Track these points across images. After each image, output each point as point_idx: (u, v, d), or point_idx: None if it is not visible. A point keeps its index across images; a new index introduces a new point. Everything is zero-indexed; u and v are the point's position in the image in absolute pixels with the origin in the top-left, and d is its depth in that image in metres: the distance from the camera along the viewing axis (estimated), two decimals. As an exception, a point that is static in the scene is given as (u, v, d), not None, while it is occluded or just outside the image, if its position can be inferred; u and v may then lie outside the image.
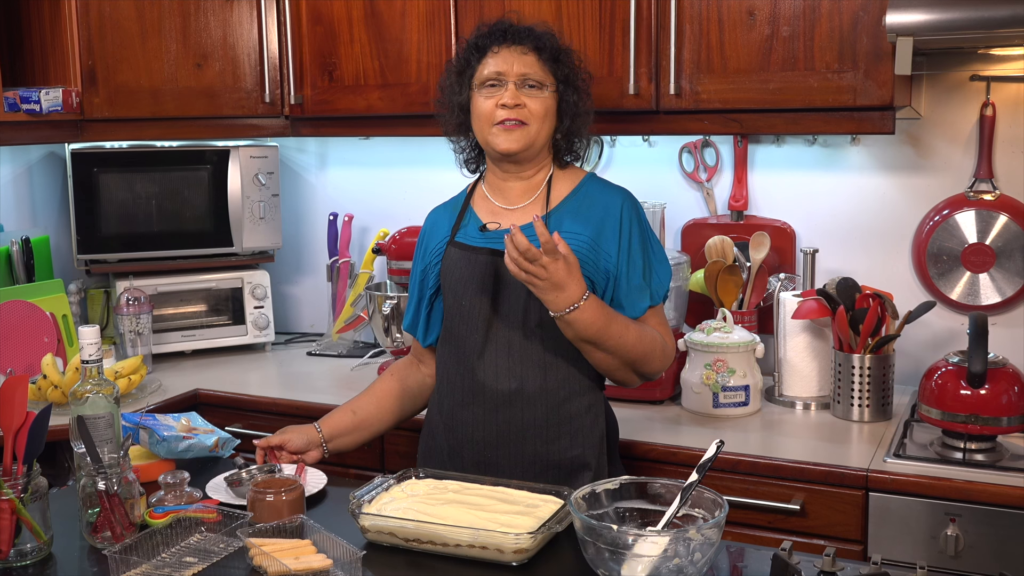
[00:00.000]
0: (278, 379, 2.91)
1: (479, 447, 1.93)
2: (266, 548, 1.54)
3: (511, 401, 1.90)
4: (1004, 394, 2.10)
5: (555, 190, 1.97)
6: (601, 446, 1.95)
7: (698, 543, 1.44)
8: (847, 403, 2.37)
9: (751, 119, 2.39)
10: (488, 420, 1.92)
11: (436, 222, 2.10)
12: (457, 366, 1.95)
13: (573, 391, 1.91)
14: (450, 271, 1.97)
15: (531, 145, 1.91)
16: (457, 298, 1.95)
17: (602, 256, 1.90)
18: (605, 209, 1.93)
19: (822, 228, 2.71)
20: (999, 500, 1.96)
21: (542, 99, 1.91)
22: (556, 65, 1.93)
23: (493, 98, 1.90)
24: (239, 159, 3.05)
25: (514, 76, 1.90)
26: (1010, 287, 2.51)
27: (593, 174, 2.03)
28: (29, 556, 1.62)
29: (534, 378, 1.90)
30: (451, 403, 1.97)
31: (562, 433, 1.91)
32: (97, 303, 3.11)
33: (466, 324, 1.93)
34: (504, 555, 1.54)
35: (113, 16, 2.78)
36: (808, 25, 2.28)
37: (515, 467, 1.91)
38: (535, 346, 1.90)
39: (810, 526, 2.10)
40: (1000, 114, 2.50)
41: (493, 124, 1.90)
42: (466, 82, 1.96)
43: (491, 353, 1.91)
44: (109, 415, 1.75)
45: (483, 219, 1.99)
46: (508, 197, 1.99)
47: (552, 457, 1.91)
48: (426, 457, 2.05)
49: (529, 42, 1.92)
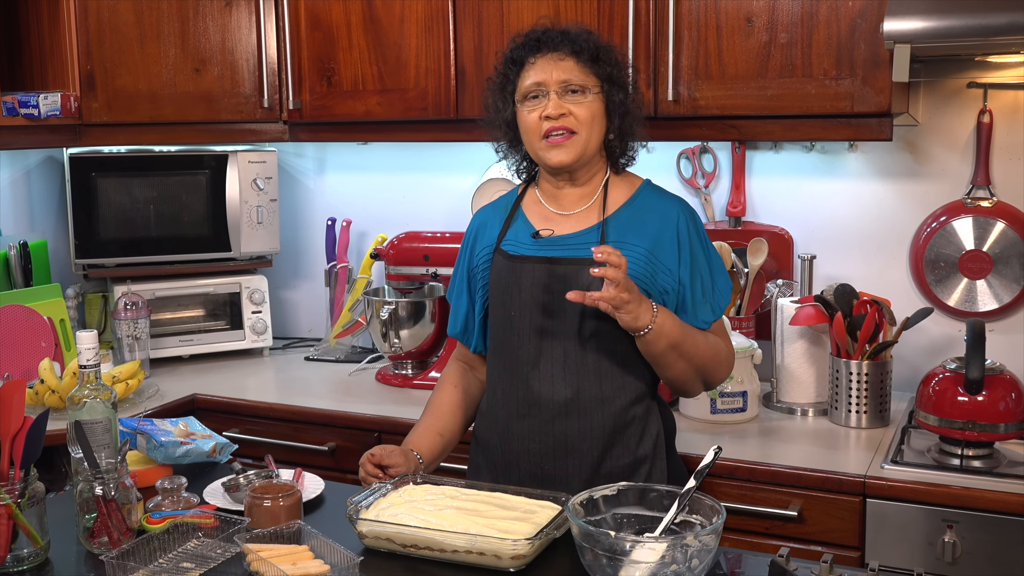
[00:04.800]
0: (276, 384, 2.91)
1: (535, 459, 1.89)
2: (263, 553, 1.54)
3: (567, 411, 1.86)
4: (1001, 401, 2.10)
5: (611, 196, 1.91)
6: (657, 446, 1.91)
7: (695, 549, 1.43)
8: (845, 409, 2.37)
9: (749, 125, 2.40)
10: (545, 431, 1.87)
11: (485, 223, 2.01)
12: (511, 377, 1.91)
13: (629, 399, 1.87)
14: (498, 281, 1.93)
15: (583, 154, 1.86)
16: (507, 309, 1.90)
17: (660, 269, 1.85)
18: (663, 220, 1.88)
19: (820, 234, 2.72)
20: (996, 507, 1.96)
21: (587, 104, 1.84)
22: (597, 65, 1.85)
23: (537, 110, 1.84)
24: (237, 164, 3.05)
25: (554, 84, 1.83)
26: (1007, 294, 2.52)
27: (649, 181, 1.97)
28: (26, 561, 1.62)
29: (590, 387, 1.85)
30: (506, 415, 1.92)
31: (617, 441, 1.87)
32: (95, 308, 3.11)
33: (518, 335, 1.89)
34: (501, 561, 1.54)
35: (112, 21, 2.78)
36: (806, 32, 2.28)
37: (572, 478, 1.86)
38: (589, 354, 1.85)
39: (808, 532, 2.10)
40: (997, 121, 2.50)
41: (541, 137, 1.85)
42: (509, 97, 1.90)
43: (546, 363, 1.87)
44: (107, 420, 1.75)
45: (536, 225, 1.93)
46: (562, 203, 1.94)
47: (608, 464, 1.87)
48: (475, 472, 2.01)
49: (565, 47, 1.84)
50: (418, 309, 2.80)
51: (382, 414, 2.53)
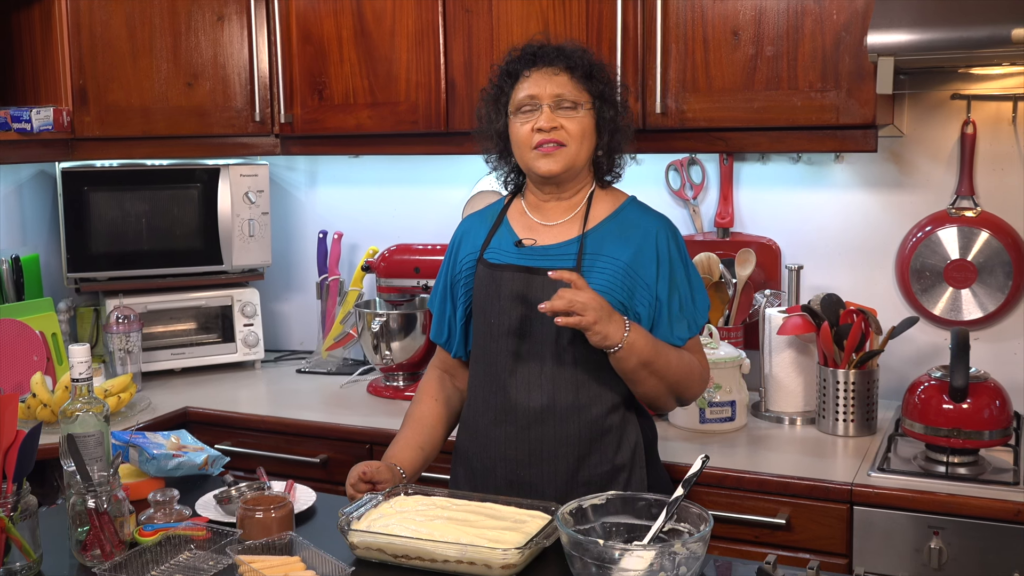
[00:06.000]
0: (268, 397, 2.92)
1: (512, 465, 1.91)
2: (255, 565, 1.55)
3: (543, 419, 1.89)
4: (986, 408, 2.12)
5: (594, 210, 1.95)
6: (635, 456, 1.93)
7: (683, 557, 1.45)
8: (832, 418, 2.39)
9: (736, 137, 2.42)
10: (520, 438, 1.90)
11: (468, 231, 2.05)
12: (490, 384, 1.94)
13: (605, 407, 1.89)
14: (479, 289, 1.96)
15: (571, 166, 1.89)
16: (487, 316, 1.94)
17: (638, 284, 1.87)
18: (644, 235, 1.90)
19: (807, 245, 2.74)
20: (982, 513, 1.99)
21: (578, 119, 1.87)
22: (590, 82, 1.90)
23: (529, 123, 1.88)
24: (229, 177, 3.06)
25: (548, 98, 1.86)
26: (992, 302, 2.54)
27: (634, 198, 2.00)
28: (19, 575, 1.62)
29: (565, 395, 1.88)
30: (484, 422, 1.95)
31: (594, 449, 1.89)
32: (87, 321, 3.12)
33: (496, 342, 1.92)
34: (492, 570, 1.55)
35: (104, 36, 2.80)
36: (791, 45, 2.31)
37: (548, 485, 1.89)
38: (566, 363, 1.88)
39: (796, 540, 2.12)
40: (980, 132, 2.54)
41: (532, 148, 1.88)
42: (502, 109, 1.94)
43: (522, 371, 1.90)
44: (99, 433, 1.76)
45: (519, 234, 1.97)
46: (547, 215, 1.97)
47: (585, 473, 1.89)
48: (456, 483, 2.03)
49: (560, 62, 1.89)
50: (409, 321, 2.82)
51: (374, 426, 2.55)
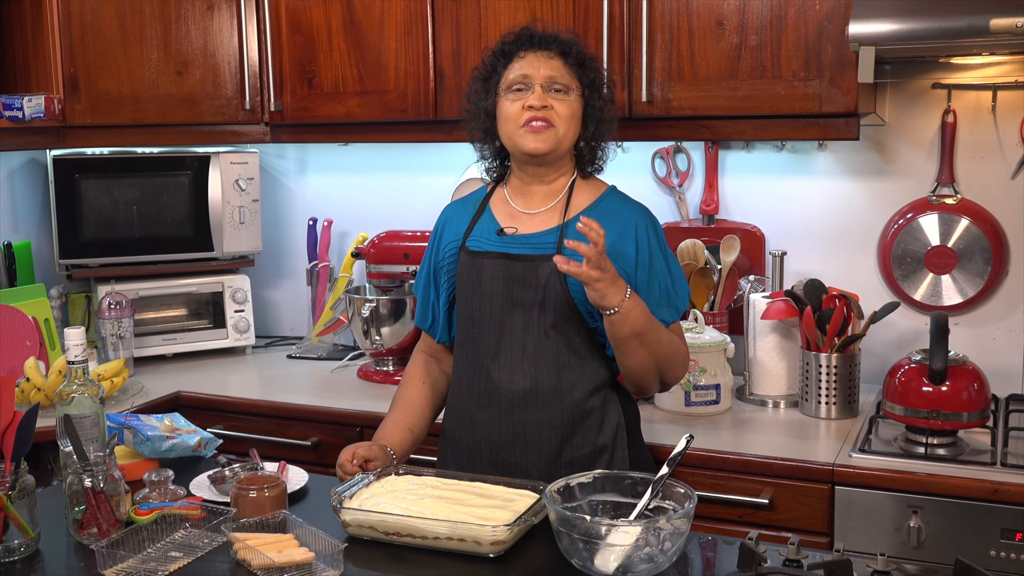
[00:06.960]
0: (259, 381, 2.95)
1: (496, 448, 1.95)
2: (250, 542, 1.58)
3: (526, 402, 1.92)
4: (964, 391, 2.17)
5: (576, 199, 1.98)
6: (617, 437, 1.97)
7: (668, 532, 1.49)
8: (815, 401, 2.43)
9: (721, 125, 2.46)
10: (504, 421, 1.94)
11: (451, 218, 2.08)
12: (473, 369, 1.98)
13: (587, 390, 1.93)
14: (462, 276, 1.99)
15: (557, 147, 1.92)
16: (469, 302, 1.97)
17: (618, 271, 1.86)
18: (623, 225, 1.93)
19: (791, 231, 2.78)
20: (959, 492, 2.03)
21: (568, 103, 1.91)
22: (582, 70, 1.95)
23: (520, 101, 1.91)
24: (219, 165, 3.08)
25: (541, 79, 1.90)
26: (971, 288, 2.59)
27: (614, 187, 2.03)
28: (17, 552, 1.66)
29: (547, 378, 1.92)
30: (469, 406, 1.99)
31: (576, 431, 1.93)
32: (78, 308, 3.14)
33: (479, 328, 1.96)
34: (481, 547, 1.59)
35: (95, 24, 2.81)
36: (775, 35, 2.34)
37: (532, 466, 1.93)
38: (548, 347, 1.92)
39: (778, 519, 2.16)
40: (961, 121, 2.58)
41: (520, 126, 1.91)
42: (492, 87, 1.97)
43: (505, 355, 1.93)
44: (94, 414, 1.79)
45: (501, 222, 2.00)
46: (529, 202, 2.00)
47: (568, 454, 1.93)
48: (443, 464, 2.07)
49: (555, 47, 1.94)
50: (398, 307, 2.85)
51: (364, 409, 2.58)
